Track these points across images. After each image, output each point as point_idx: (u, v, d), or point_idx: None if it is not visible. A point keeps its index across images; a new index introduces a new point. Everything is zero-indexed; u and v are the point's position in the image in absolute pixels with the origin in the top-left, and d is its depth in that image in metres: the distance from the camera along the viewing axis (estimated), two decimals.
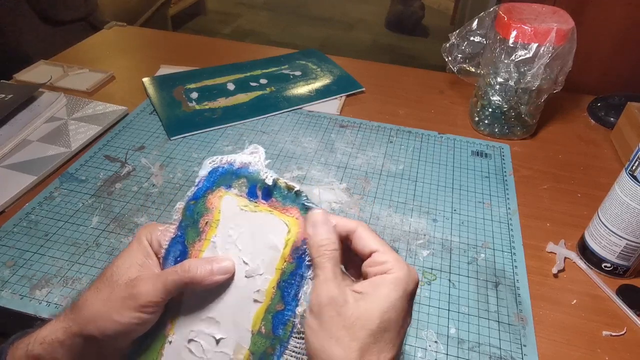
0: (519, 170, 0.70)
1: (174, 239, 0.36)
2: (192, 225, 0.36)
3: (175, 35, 1.21)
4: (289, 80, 0.90)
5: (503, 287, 0.53)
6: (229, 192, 0.36)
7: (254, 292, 0.34)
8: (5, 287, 0.50)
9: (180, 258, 0.35)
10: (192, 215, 0.36)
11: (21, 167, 0.66)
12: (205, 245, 0.36)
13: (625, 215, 0.50)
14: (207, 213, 0.36)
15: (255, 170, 0.36)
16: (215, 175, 0.37)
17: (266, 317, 0.34)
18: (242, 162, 0.37)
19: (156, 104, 0.81)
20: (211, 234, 0.36)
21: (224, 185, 0.37)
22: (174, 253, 0.36)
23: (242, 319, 0.34)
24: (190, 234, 0.36)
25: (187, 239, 0.36)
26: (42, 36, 1.25)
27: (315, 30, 2.90)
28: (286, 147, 0.72)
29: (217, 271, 0.34)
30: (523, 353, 0.46)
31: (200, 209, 0.36)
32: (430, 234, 0.59)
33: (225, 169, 0.37)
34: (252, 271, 0.34)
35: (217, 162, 0.37)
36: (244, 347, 0.34)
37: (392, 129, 0.78)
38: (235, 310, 0.34)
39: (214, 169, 0.37)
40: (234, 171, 0.37)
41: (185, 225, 0.36)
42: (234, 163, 0.37)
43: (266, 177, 0.36)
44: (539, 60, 0.66)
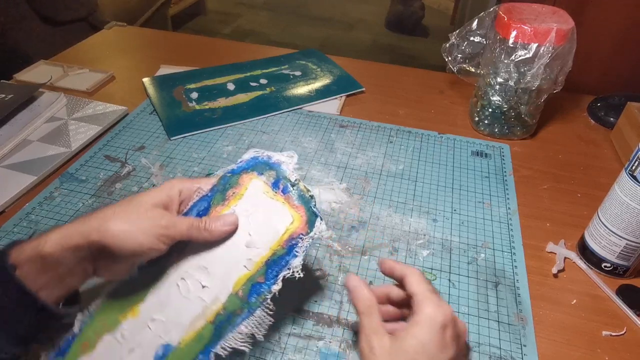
0: (519, 170, 0.70)
1: (203, 196, 0.44)
2: (222, 191, 0.44)
3: (175, 35, 1.21)
4: (289, 80, 0.90)
5: (503, 287, 0.53)
6: (259, 178, 0.44)
7: (246, 260, 0.40)
8: None
9: (202, 213, 0.43)
10: (224, 184, 0.44)
11: (21, 167, 0.66)
12: (224, 210, 0.43)
13: (625, 215, 0.50)
14: (236, 186, 0.44)
15: (285, 169, 0.45)
16: (254, 161, 0.46)
17: (247, 283, 0.39)
18: (277, 159, 0.45)
19: (156, 104, 0.81)
20: (233, 203, 0.43)
21: (257, 171, 0.45)
22: (199, 207, 0.43)
23: (228, 277, 0.40)
24: (217, 197, 0.44)
25: (213, 200, 0.43)
26: (42, 36, 1.25)
27: (315, 30, 2.90)
28: (286, 147, 0.72)
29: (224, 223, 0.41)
30: (523, 353, 0.46)
31: (232, 181, 0.45)
32: (430, 234, 0.59)
33: (263, 160, 0.46)
34: (251, 242, 0.41)
35: (259, 153, 0.46)
36: (220, 301, 0.39)
37: (392, 129, 0.78)
38: (226, 268, 0.40)
39: (254, 157, 0.46)
40: (269, 163, 0.45)
41: (215, 190, 0.44)
42: (271, 157, 0.46)
43: (291, 177, 0.44)
44: (539, 60, 0.66)
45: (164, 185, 0.42)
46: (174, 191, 0.42)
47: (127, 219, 0.37)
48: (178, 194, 0.42)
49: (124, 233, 0.36)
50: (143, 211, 0.38)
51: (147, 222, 0.37)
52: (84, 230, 0.36)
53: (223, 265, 0.40)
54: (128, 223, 0.37)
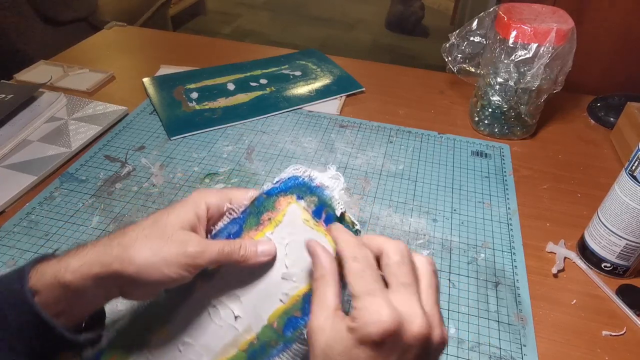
0: (519, 170, 0.70)
1: (234, 219, 0.39)
2: (256, 214, 0.39)
3: (175, 35, 1.21)
4: (289, 80, 0.90)
5: (503, 287, 0.53)
6: (299, 203, 0.38)
7: (282, 294, 0.37)
8: None
9: (232, 237, 0.38)
10: (259, 206, 0.39)
11: (21, 167, 0.66)
12: (258, 235, 0.38)
13: (625, 215, 0.50)
14: (272, 210, 0.39)
15: (329, 195, 0.39)
16: (293, 182, 0.40)
17: (282, 316, 0.36)
18: (321, 182, 0.39)
19: (156, 104, 0.81)
20: (268, 229, 0.38)
21: (297, 194, 0.39)
22: (229, 230, 0.39)
23: (262, 309, 0.37)
24: (250, 221, 0.39)
25: (245, 224, 0.39)
26: (42, 36, 1.25)
27: (315, 30, 2.90)
28: (286, 147, 0.72)
29: (261, 253, 0.36)
30: (523, 353, 0.46)
31: (268, 204, 0.39)
32: (430, 234, 0.59)
33: (304, 182, 0.40)
34: (288, 275, 0.37)
35: (300, 172, 0.40)
36: (253, 331, 0.36)
37: (392, 129, 0.78)
38: (260, 299, 0.37)
39: (294, 177, 0.40)
40: (311, 187, 0.39)
41: (249, 212, 0.39)
42: (313, 179, 0.40)
43: (337, 206, 0.38)
44: (539, 60, 0.66)
45: (190, 199, 0.38)
46: (202, 208, 0.37)
47: (151, 246, 0.34)
48: (206, 210, 0.38)
49: (147, 263, 0.33)
50: (168, 236, 0.35)
51: (173, 250, 0.34)
52: (105, 260, 0.34)
53: (257, 296, 0.37)
54: (152, 251, 0.34)
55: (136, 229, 0.35)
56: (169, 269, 0.34)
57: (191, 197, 0.38)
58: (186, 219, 0.36)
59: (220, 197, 0.39)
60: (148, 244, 0.34)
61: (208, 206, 0.38)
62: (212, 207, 0.38)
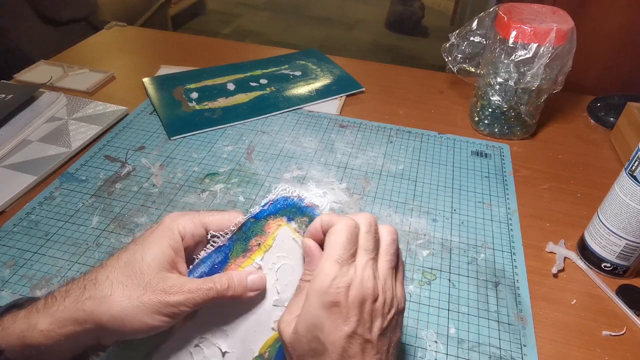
0: (518, 170, 0.70)
1: (219, 247, 0.36)
2: (243, 240, 0.37)
3: (175, 35, 1.21)
4: (289, 80, 0.90)
5: (503, 287, 0.53)
6: (289, 225, 0.37)
7: (274, 322, 0.35)
8: (5, 287, 0.50)
9: (217, 266, 0.36)
10: (246, 232, 0.37)
11: (21, 167, 0.66)
12: (247, 262, 0.36)
13: (625, 215, 0.50)
14: (261, 235, 0.37)
15: (319, 214, 0.37)
16: (282, 203, 0.38)
17: (274, 345, 0.35)
18: (311, 202, 0.38)
19: (156, 104, 0.81)
20: (257, 255, 0.36)
21: (287, 216, 0.37)
22: (214, 259, 0.36)
23: (252, 340, 0.35)
24: (237, 247, 0.37)
25: (232, 252, 0.36)
26: (42, 36, 1.25)
27: (315, 30, 2.90)
28: (286, 147, 0.72)
29: (251, 286, 0.34)
30: (523, 353, 0.46)
31: (256, 229, 0.37)
32: (430, 234, 0.59)
33: (294, 202, 0.38)
34: (280, 301, 0.36)
35: (289, 193, 0.38)
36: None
37: (392, 129, 0.78)
38: (250, 331, 0.35)
39: (283, 197, 0.38)
40: (301, 207, 0.38)
41: (235, 239, 0.37)
42: (303, 199, 0.38)
43: None
44: (539, 60, 0.66)
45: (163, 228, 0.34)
46: (177, 239, 0.34)
47: (130, 295, 0.31)
48: (181, 239, 0.35)
49: (127, 314, 0.31)
50: (146, 283, 0.31)
51: (154, 299, 0.31)
52: (78, 316, 0.31)
53: (247, 328, 0.35)
54: (130, 301, 0.31)
55: (109, 275, 0.32)
56: (151, 318, 0.31)
57: (163, 224, 0.35)
58: (163, 258, 0.33)
59: (195, 222, 0.35)
60: (126, 293, 0.31)
61: (183, 235, 0.35)
62: (187, 235, 0.35)
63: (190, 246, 0.35)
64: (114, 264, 0.33)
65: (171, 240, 0.34)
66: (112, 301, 0.31)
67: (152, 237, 0.34)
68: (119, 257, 0.33)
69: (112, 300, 0.31)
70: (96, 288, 0.31)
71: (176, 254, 0.34)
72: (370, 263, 0.32)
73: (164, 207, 0.61)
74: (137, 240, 0.34)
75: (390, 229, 0.35)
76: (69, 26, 1.32)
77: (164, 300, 0.31)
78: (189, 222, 0.35)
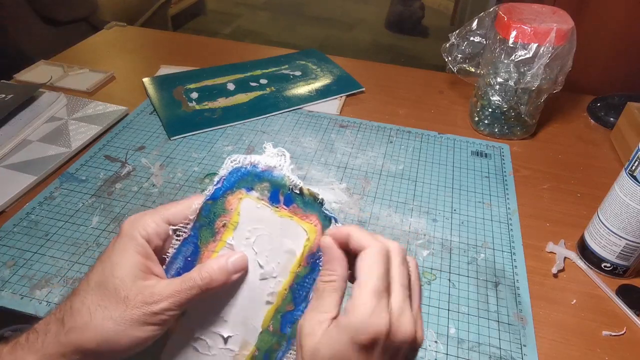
0: (519, 170, 0.70)
1: (185, 239, 0.35)
2: (207, 225, 0.35)
3: (175, 35, 1.21)
4: (289, 80, 0.90)
5: (503, 287, 0.53)
6: (250, 195, 0.35)
7: (267, 295, 0.34)
8: (5, 287, 0.50)
9: (190, 258, 0.34)
10: (207, 216, 0.35)
11: (21, 167, 0.66)
12: (219, 246, 0.35)
13: (625, 215, 0.50)
14: (224, 214, 0.35)
15: (280, 175, 0.35)
16: (236, 175, 0.35)
17: (275, 316, 0.34)
18: (266, 165, 0.35)
19: (156, 104, 0.81)
20: (227, 235, 0.35)
21: (245, 187, 0.35)
22: (185, 252, 0.35)
23: (252, 318, 0.34)
24: (204, 234, 0.35)
25: (200, 240, 0.35)
26: (42, 36, 1.25)
27: (315, 30, 2.90)
28: (286, 147, 0.72)
29: (232, 269, 0.33)
30: (523, 353, 0.46)
31: (217, 209, 0.35)
32: (430, 234, 0.59)
33: (248, 170, 0.35)
34: (266, 274, 0.35)
35: (240, 162, 0.35)
36: (251, 343, 0.34)
37: (392, 129, 0.78)
38: (247, 310, 0.34)
39: (235, 169, 0.35)
40: (257, 174, 0.35)
41: (199, 226, 0.35)
42: (257, 165, 0.35)
43: (292, 183, 0.35)
44: (539, 60, 0.66)
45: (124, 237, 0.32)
46: (142, 244, 0.32)
47: (112, 315, 0.30)
48: (147, 243, 0.33)
49: (113, 337, 0.30)
50: (124, 297, 0.30)
51: (136, 312, 0.30)
52: (64, 350, 0.30)
53: (242, 308, 0.35)
54: (111, 321, 0.30)
55: (84, 300, 0.30)
56: (141, 331, 0.30)
57: (123, 233, 0.33)
58: (134, 268, 0.31)
59: (156, 220, 0.33)
60: (107, 314, 0.30)
61: (146, 238, 0.33)
62: (152, 236, 0.33)
63: (158, 246, 0.34)
64: (86, 288, 0.31)
65: (137, 247, 0.32)
66: (94, 326, 0.30)
67: (115, 250, 0.32)
68: (88, 279, 0.32)
69: (94, 325, 0.30)
70: (74, 318, 0.30)
71: (147, 258, 0.32)
72: (407, 302, 0.30)
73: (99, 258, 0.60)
74: (102, 257, 0.32)
75: (415, 262, 0.33)
76: (69, 26, 1.31)
77: (148, 311, 0.30)
78: (150, 222, 0.33)
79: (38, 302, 0.49)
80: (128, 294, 0.30)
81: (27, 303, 0.49)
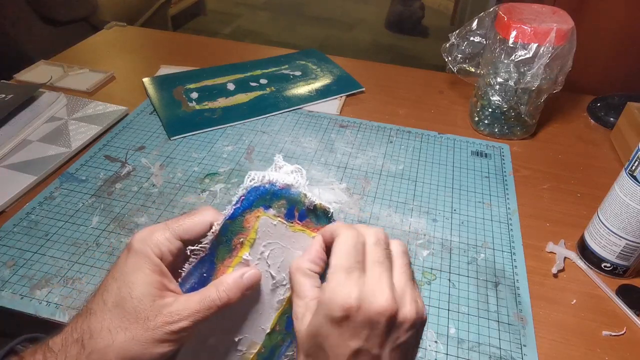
0: (518, 170, 0.70)
1: (202, 258, 0.35)
2: (225, 243, 0.35)
3: (175, 35, 1.21)
4: (289, 80, 0.90)
5: (503, 287, 0.53)
6: (267, 213, 0.36)
7: (277, 301, 0.36)
8: (5, 287, 0.50)
9: (206, 274, 0.35)
10: (225, 234, 0.35)
11: (21, 167, 0.66)
12: (235, 261, 0.35)
13: (625, 215, 0.50)
14: (242, 232, 0.35)
15: (297, 192, 0.36)
16: (255, 194, 0.36)
17: (281, 317, 0.36)
18: (284, 184, 0.36)
19: (156, 104, 0.81)
20: (244, 252, 0.35)
21: (263, 205, 0.36)
22: (201, 269, 0.35)
23: (261, 321, 0.36)
24: (221, 251, 0.35)
25: (217, 257, 0.35)
26: (42, 36, 1.25)
27: (315, 30, 2.90)
28: (286, 147, 0.72)
29: (248, 284, 0.33)
30: (523, 353, 0.46)
31: (236, 228, 0.35)
32: (430, 234, 0.59)
33: (266, 189, 0.36)
34: (277, 282, 0.36)
35: (259, 181, 0.36)
36: (258, 343, 0.36)
37: (392, 129, 0.78)
38: (257, 316, 0.36)
39: (254, 188, 0.36)
40: (275, 192, 0.36)
41: (216, 244, 0.35)
42: (275, 183, 0.36)
43: (307, 201, 0.36)
44: (539, 60, 0.66)
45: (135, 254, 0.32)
46: (156, 262, 0.32)
47: (132, 337, 0.30)
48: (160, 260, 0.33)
49: (135, 356, 0.30)
50: (144, 319, 0.30)
51: (157, 332, 0.30)
52: None
53: (252, 316, 0.36)
54: (134, 341, 0.30)
55: (102, 323, 0.30)
56: (160, 348, 0.30)
57: (135, 250, 0.32)
58: (151, 287, 0.31)
59: (168, 237, 0.33)
60: (128, 335, 0.30)
61: (160, 255, 0.32)
62: (165, 254, 0.33)
63: (171, 262, 0.34)
64: (102, 308, 0.31)
65: (151, 266, 0.32)
66: (117, 347, 0.30)
67: (129, 268, 0.32)
68: (104, 299, 0.31)
69: (116, 347, 0.30)
70: (95, 341, 0.30)
71: (162, 276, 0.32)
72: (385, 275, 0.30)
73: (164, 207, 0.61)
74: (114, 274, 0.32)
75: (398, 241, 0.34)
76: (69, 26, 1.31)
77: (168, 330, 0.30)
78: (161, 239, 0.33)
79: (38, 302, 0.49)
80: (148, 315, 0.30)
81: (27, 303, 0.49)
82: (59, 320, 0.48)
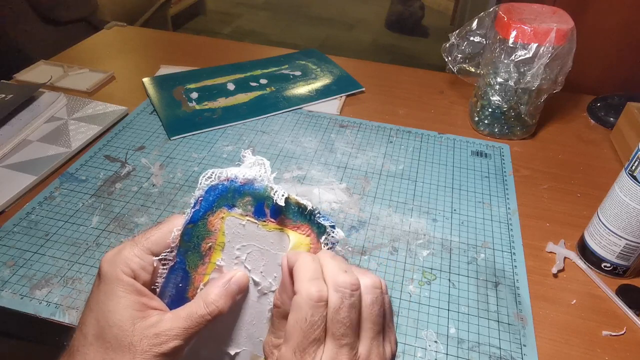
0: (518, 170, 0.70)
1: (172, 267, 0.33)
2: (193, 249, 0.33)
3: (175, 35, 1.21)
4: (289, 80, 0.90)
5: (503, 287, 0.53)
6: (232, 213, 0.33)
7: (269, 309, 0.34)
8: (5, 287, 0.50)
9: (182, 284, 0.33)
10: (191, 240, 0.33)
11: (21, 167, 0.66)
12: (210, 268, 0.33)
13: (625, 215, 0.50)
14: (209, 236, 0.33)
15: (262, 187, 0.32)
16: (214, 194, 0.33)
17: None
18: (245, 178, 0.33)
19: (156, 104, 0.81)
20: (216, 257, 0.33)
21: (225, 205, 0.33)
22: (175, 280, 0.33)
23: (257, 332, 0.34)
24: (191, 258, 0.33)
25: (188, 265, 0.33)
26: (42, 36, 1.25)
27: (315, 30, 2.90)
28: (286, 147, 0.72)
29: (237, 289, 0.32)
30: (523, 353, 0.46)
31: (200, 232, 0.33)
32: (430, 234, 0.59)
33: (226, 187, 0.33)
34: (265, 288, 0.34)
35: (215, 179, 0.33)
36: (260, 356, 0.35)
37: (392, 129, 0.78)
38: (250, 327, 0.34)
39: (211, 187, 0.33)
40: (237, 188, 0.33)
41: (184, 251, 0.33)
42: (235, 179, 0.33)
43: (276, 195, 0.32)
44: (539, 60, 0.66)
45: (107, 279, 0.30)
46: (130, 283, 0.30)
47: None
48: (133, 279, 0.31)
49: None
50: (128, 346, 0.28)
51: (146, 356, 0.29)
52: None
53: (246, 324, 0.34)
54: None
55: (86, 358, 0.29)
56: None
57: (106, 276, 0.30)
58: (129, 311, 0.29)
59: (137, 253, 0.31)
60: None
61: (132, 275, 0.30)
62: (137, 272, 0.31)
63: (147, 280, 0.31)
64: (84, 343, 0.29)
65: (125, 287, 0.30)
66: None
67: (102, 296, 0.30)
68: (84, 334, 0.29)
69: None
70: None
71: (139, 295, 0.30)
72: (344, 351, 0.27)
73: (163, 207, 0.61)
74: (90, 305, 0.30)
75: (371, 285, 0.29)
76: (69, 26, 1.31)
77: (158, 352, 0.29)
78: (130, 256, 0.31)
79: (38, 302, 0.49)
80: (132, 340, 0.28)
81: (27, 303, 0.49)
82: (59, 320, 0.48)
